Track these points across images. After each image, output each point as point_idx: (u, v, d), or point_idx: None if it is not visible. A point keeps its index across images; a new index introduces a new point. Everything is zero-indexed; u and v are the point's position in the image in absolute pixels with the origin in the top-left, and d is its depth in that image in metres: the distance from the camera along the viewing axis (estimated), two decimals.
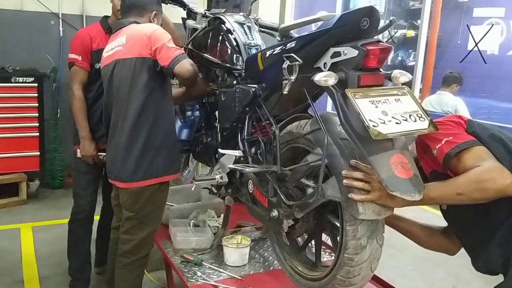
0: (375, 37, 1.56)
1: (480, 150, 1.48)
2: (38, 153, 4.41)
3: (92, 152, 2.67)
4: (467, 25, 5.63)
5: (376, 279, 2.16)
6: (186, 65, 2.07)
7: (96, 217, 2.99)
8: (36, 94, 4.33)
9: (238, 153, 2.09)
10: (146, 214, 2.24)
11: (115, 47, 2.21)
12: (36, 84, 4.31)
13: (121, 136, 2.20)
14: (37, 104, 4.34)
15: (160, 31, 2.15)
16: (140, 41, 2.12)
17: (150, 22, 2.29)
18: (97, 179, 2.85)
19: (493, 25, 5.36)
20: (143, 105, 2.14)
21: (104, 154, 2.56)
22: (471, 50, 5.40)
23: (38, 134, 4.39)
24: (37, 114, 4.36)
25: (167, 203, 2.48)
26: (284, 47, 1.73)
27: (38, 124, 4.37)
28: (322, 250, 2.18)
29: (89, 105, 2.71)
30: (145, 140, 2.17)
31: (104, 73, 2.28)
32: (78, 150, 2.71)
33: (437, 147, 1.51)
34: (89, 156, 2.68)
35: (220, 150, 2.20)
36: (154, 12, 2.32)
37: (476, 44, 5.28)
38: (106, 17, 2.77)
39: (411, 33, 6.48)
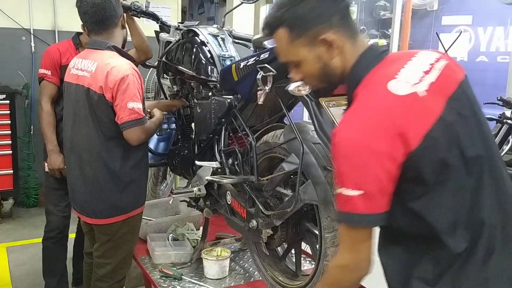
0: None
1: (361, 235, 1.10)
2: (12, 171, 4.29)
3: (59, 165, 2.62)
4: (437, 33, 5.76)
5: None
6: (134, 134, 1.97)
7: (72, 235, 2.93)
8: (8, 111, 4.23)
9: (215, 164, 2.09)
10: (122, 236, 2.14)
11: (84, 71, 2.03)
12: (8, 101, 4.22)
13: (85, 167, 2.05)
14: (9, 122, 4.24)
15: (130, 82, 1.95)
16: (105, 80, 1.95)
17: (123, 26, 2.15)
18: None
19: (461, 32, 5.50)
20: (111, 138, 2.01)
21: None
22: None
23: (11, 152, 4.28)
24: (10, 132, 4.26)
25: (145, 217, 2.45)
26: (257, 58, 1.75)
27: (10, 141, 4.26)
28: (303, 258, 2.19)
29: (58, 119, 2.68)
30: (114, 176, 2.03)
31: (67, 90, 2.14)
32: (46, 164, 2.67)
33: (336, 193, 1.10)
34: (56, 170, 2.64)
35: (197, 162, 2.19)
36: (122, 15, 2.14)
37: (446, 51, 5.41)
38: (79, 33, 2.75)
39: (383, 42, 6.60)
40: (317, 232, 1.67)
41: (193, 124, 2.53)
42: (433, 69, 1.12)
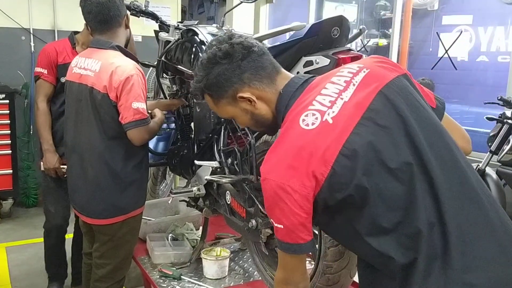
0: (346, 45, 1.59)
1: (290, 259, 1.17)
2: (11, 171, 4.29)
3: (55, 164, 2.63)
4: (437, 33, 5.76)
5: (356, 286, 2.16)
6: (138, 134, 1.97)
7: (70, 235, 2.94)
8: (8, 111, 4.23)
9: (214, 164, 2.08)
10: (122, 236, 2.12)
11: (87, 70, 2.02)
12: (8, 101, 4.22)
13: (87, 167, 2.04)
14: (8, 121, 4.24)
15: (134, 82, 1.95)
16: (109, 79, 1.94)
17: (126, 26, 2.14)
18: (68, 194, 2.80)
19: (461, 32, 5.50)
20: (113, 138, 2.00)
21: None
22: (441, 57, 5.52)
23: (10, 151, 4.27)
24: (9, 131, 4.25)
25: (144, 217, 2.45)
26: None
27: (10, 141, 4.26)
28: None
29: (54, 118, 2.70)
30: (116, 176, 2.02)
31: (69, 89, 2.13)
32: (42, 163, 2.68)
33: (272, 223, 1.16)
34: (52, 169, 2.65)
35: (197, 162, 2.19)
36: (126, 14, 2.13)
37: (446, 51, 5.40)
38: (75, 32, 2.76)
39: (383, 42, 6.59)
40: (316, 232, 1.66)
41: (192, 124, 2.53)
42: (350, 84, 1.14)
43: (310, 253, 1.65)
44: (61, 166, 2.63)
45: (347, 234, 1.14)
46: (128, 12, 2.23)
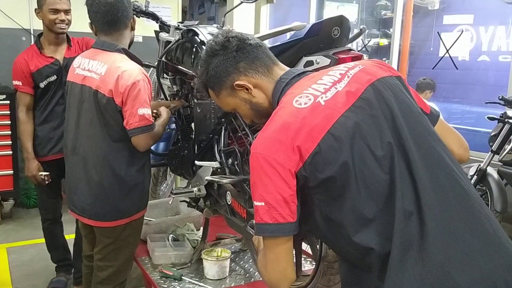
0: (347, 45, 1.58)
1: (276, 249, 1.13)
2: (12, 172, 4.29)
3: (33, 172, 2.71)
4: (438, 32, 5.76)
5: None
6: (143, 141, 1.97)
7: (72, 236, 2.94)
8: (8, 112, 4.22)
9: (215, 164, 2.07)
10: (125, 238, 2.11)
11: (92, 72, 1.99)
12: (8, 102, 4.21)
13: (90, 170, 2.02)
14: (9, 122, 4.23)
15: (141, 88, 1.94)
16: (115, 84, 1.92)
17: (132, 28, 2.13)
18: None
19: (462, 31, 5.49)
20: (118, 141, 2.00)
21: (45, 173, 2.68)
22: (442, 57, 5.52)
23: (11, 152, 4.27)
24: (10, 132, 4.24)
25: (145, 218, 2.44)
26: None
27: (10, 142, 4.25)
28: (303, 258, 2.18)
29: (38, 121, 2.79)
30: (120, 180, 2.01)
31: (71, 90, 2.11)
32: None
33: (254, 205, 1.14)
34: (31, 177, 2.73)
35: (197, 162, 2.18)
36: (132, 16, 2.13)
37: (447, 51, 5.40)
38: (39, 36, 2.85)
39: (384, 41, 6.59)
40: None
41: (193, 124, 2.53)
42: (345, 76, 1.18)
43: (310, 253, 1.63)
44: (40, 173, 2.71)
45: (327, 227, 1.13)
46: (134, 16, 2.21)
